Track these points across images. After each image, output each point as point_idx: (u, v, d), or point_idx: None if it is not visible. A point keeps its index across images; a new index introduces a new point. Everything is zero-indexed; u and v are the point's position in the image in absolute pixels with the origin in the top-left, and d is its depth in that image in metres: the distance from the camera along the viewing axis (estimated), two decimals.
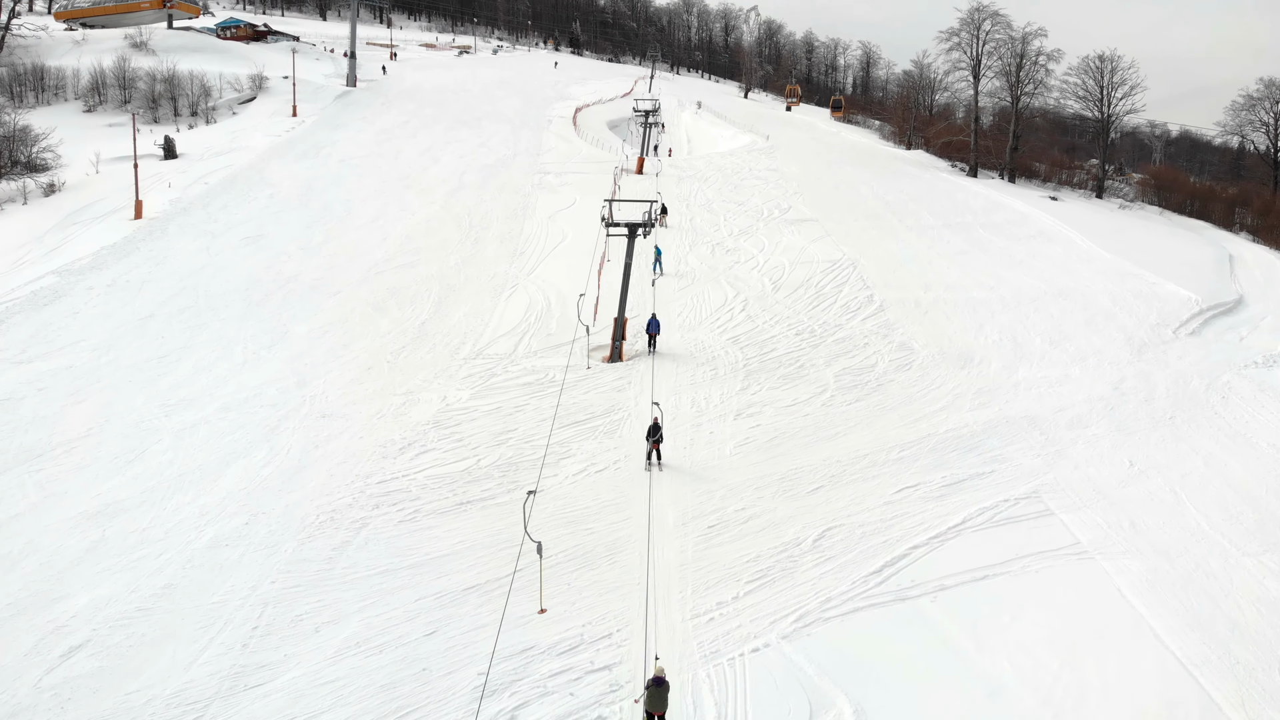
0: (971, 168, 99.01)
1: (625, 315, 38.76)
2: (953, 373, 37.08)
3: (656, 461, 28.17)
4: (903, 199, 73.96)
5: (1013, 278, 52.26)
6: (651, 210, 38.45)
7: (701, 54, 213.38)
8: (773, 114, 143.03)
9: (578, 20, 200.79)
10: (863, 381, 35.64)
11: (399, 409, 32.73)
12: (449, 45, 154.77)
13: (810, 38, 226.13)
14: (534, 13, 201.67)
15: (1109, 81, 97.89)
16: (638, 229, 38.01)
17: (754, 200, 67.78)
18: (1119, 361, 39.70)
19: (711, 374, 36.14)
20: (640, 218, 38.39)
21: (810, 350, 38.94)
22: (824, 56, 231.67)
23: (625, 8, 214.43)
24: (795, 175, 78.65)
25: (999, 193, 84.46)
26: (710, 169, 79.80)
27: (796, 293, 46.63)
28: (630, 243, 38.37)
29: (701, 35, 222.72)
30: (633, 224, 37.94)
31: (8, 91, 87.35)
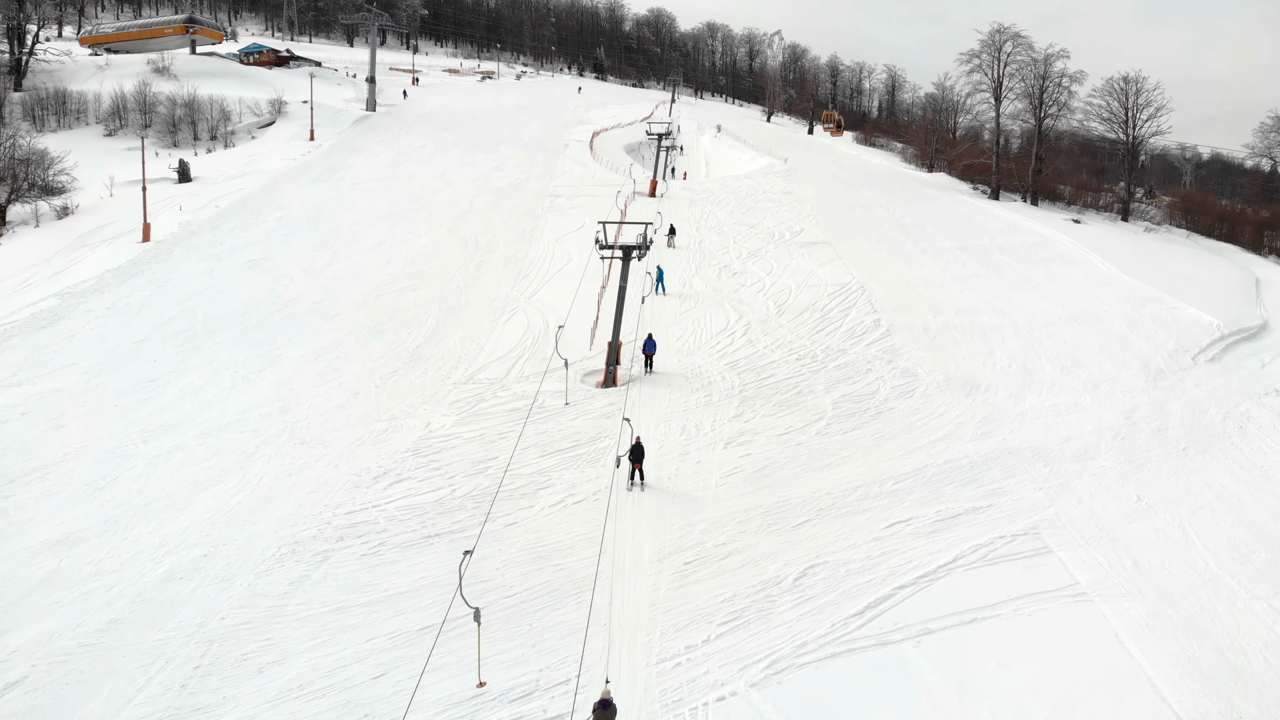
0: (993, 190, 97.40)
1: (620, 339, 37.62)
2: (957, 400, 35.61)
3: (640, 482, 27.57)
4: (919, 222, 72.50)
5: (1027, 302, 50.66)
6: (646, 232, 37.34)
7: (725, 78, 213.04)
8: (794, 137, 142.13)
9: (602, 46, 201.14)
10: (862, 409, 34.25)
11: (380, 435, 31.76)
12: (472, 71, 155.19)
13: (835, 61, 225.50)
14: (559, 39, 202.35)
15: (1133, 103, 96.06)
16: (633, 251, 36.94)
17: (766, 223, 66.60)
18: (1133, 389, 38.03)
19: (705, 400, 34.90)
20: (635, 239, 37.25)
21: (810, 376, 37.61)
22: (849, 80, 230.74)
23: (650, 33, 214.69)
24: (810, 198, 77.40)
25: (1020, 215, 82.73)
26: (724, 191, 78.76)
27: (801, 316, 45.33)
28: (625, 265, 37.30)
29: (726, 60, 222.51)
30: (627, 246, 36.88)
31: (29, 116, 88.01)
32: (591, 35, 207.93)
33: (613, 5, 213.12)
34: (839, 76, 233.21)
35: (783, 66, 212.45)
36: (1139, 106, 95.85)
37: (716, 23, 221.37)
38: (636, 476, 27.71)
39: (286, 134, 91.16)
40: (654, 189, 75.44)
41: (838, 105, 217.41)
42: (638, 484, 27.68)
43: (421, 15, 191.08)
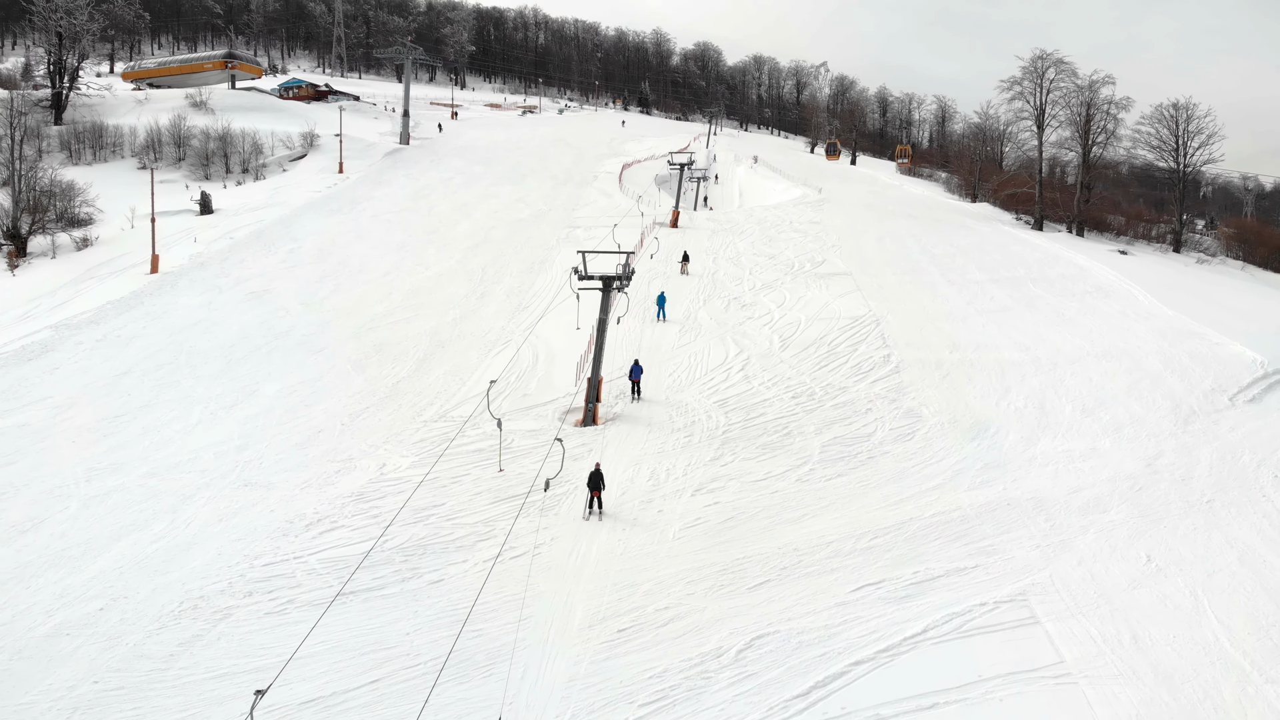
0: (1036, 220, 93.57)
1: (601, 375, 35.18)
2: (960, 444, 32.47)
3: (598, 510, 26.61)
4: (951, 252, 69.16)
5: (1054, 337, 47.18)
6: (627, 261, 34.98)
7: (771, 111, 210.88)
8: (836, 168, 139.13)
9: (647, 80, 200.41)
10: (852, 453, 31.29)
11: (329, 478, 29.62)
12: (514, 105, 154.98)
13: (884, 93, 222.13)
14: (605, 73, 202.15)
15: (1184, 130, 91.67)
16: (612, 282, 34.57)
17: (787, 253, 63.83)
18: (1159, 433, 34.51)
19: (685, 440, 32.24)
20: (614, 270, 34.89)
21: (804, 416, 34.74)
22: (898, 112, 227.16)
23: (696, 67, 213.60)
24: (838, 228, 74.47)
25: (1062, 246, 78.84)
26: (749, 221, 76.18)
27: (806, 351, 42.49)
28: (605, 297, 34.92)
29: (772, 92, 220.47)
30: (607, 276, 34.53)
31: (66, 149, 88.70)
32: (638, 70, 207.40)
33: (659, 39, 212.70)
34: (889, 108, 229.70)
35: (830, 98, 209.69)
36: (1189, 134, 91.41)
37: (763, 55, 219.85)
38: (595, 505, 26.59)
39: (316, 167, 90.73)
40: (676, 219, 73.11)
41: (886, 136, 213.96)
42: (596, 512, 26.53)
43: (469, 51, 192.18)
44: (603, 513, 26.68)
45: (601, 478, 26.89)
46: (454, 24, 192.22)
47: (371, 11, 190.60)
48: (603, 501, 26.89)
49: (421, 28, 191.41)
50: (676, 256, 60.77)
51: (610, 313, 35.21)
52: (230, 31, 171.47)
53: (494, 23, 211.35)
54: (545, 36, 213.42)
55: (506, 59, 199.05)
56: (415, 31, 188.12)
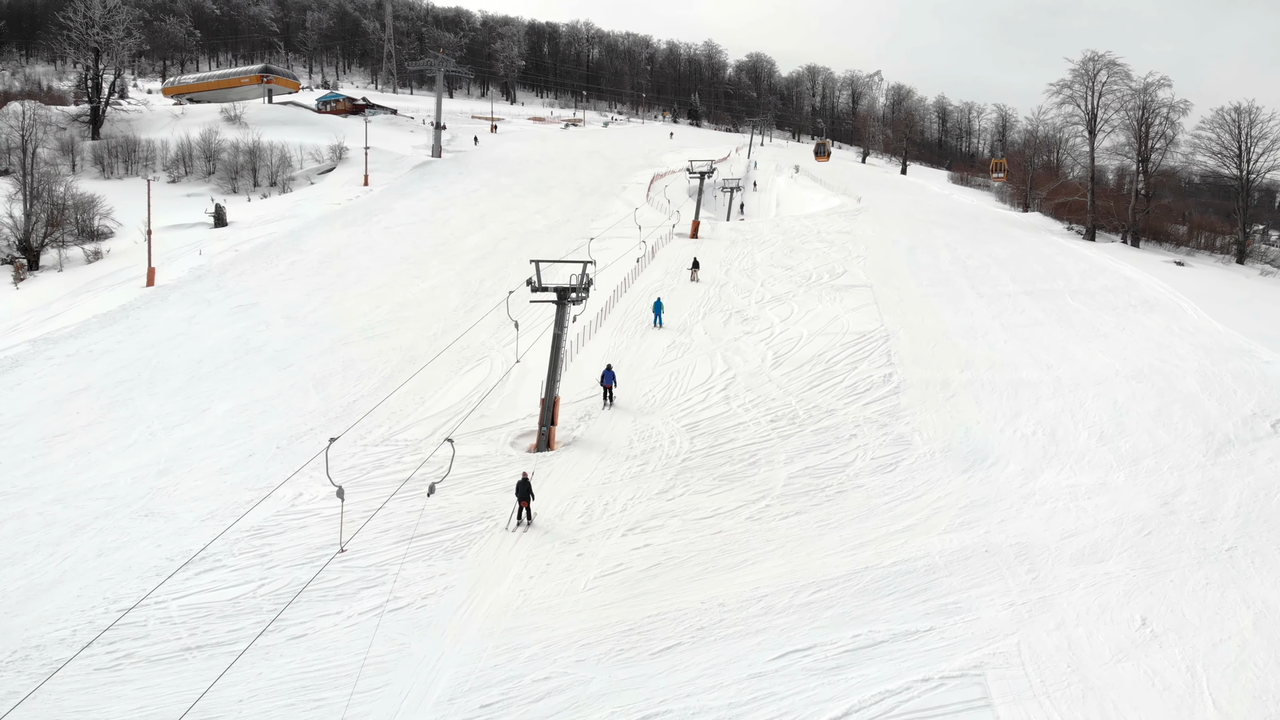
0: (1088, 230, 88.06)
1: (556, 395, 31.93)
2: (949, 477, 28.48)
3: (526, 521, 25.07)
4: (987, 263, 64.58)
5: (1082, 354, 42.67)
6: (585, 272, 31.73)
7: (824, 121, 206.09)
8: (885, 178, 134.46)
9: (697, 92, 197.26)
10: (820, 486, 27.52)
11: (237, 509, 26.79)
12: (557, 119, 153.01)
13: (942, 102, 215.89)
14: (655, 86, 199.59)
15: (1246, 135, 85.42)
16: (568, 295, 31.35)
17: (807, 264, 59.95)
18: (1184, 465, 30.07)
19: (637, 470, 28.81)
20: (571, 281, 31.65)
21: (778, 442, 31.04)
22: (958, 121, 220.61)
23: (748, 79, 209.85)
24: (869, 238, 70.32)
25: (1111, 257, 73.64)
26: (774, 232, 72.38)
27: (799, 370, 38.74)
28: (560, 311, 31.69)
29: (826, 103, 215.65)
30: (562, 288, 31.33)
31: (99, 163, 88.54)
32: (690, 82, 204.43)
33: (711, 51, 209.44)
34: (948, 117, 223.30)
35: (888, 107, 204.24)
36: (1253, 139, 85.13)
37: (818, 66, 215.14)
38: (523, 515, 25.12)
39: (343, 179, 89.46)
40: (696, 230, 69.67)
41: (944, 146, 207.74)
42: (524, 523, 25.02)
43: (520, 66, 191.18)
44: (531, 523, 25.04)
45: (529, 486, 25.16)
46: (505, 39, 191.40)
47: (425, 28, 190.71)
48: (532, 512, 25.24)
49: (473, 43, 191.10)
50: (687, 264, 57.79)
51: (566, 328, 31.92)
52: (281, 49, 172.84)
53: (548, 38, 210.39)
54: (599, 51, 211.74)
55: (558, 73, 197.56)
56: (466, 47, 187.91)
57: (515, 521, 25.12)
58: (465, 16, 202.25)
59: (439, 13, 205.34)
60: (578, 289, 31.35)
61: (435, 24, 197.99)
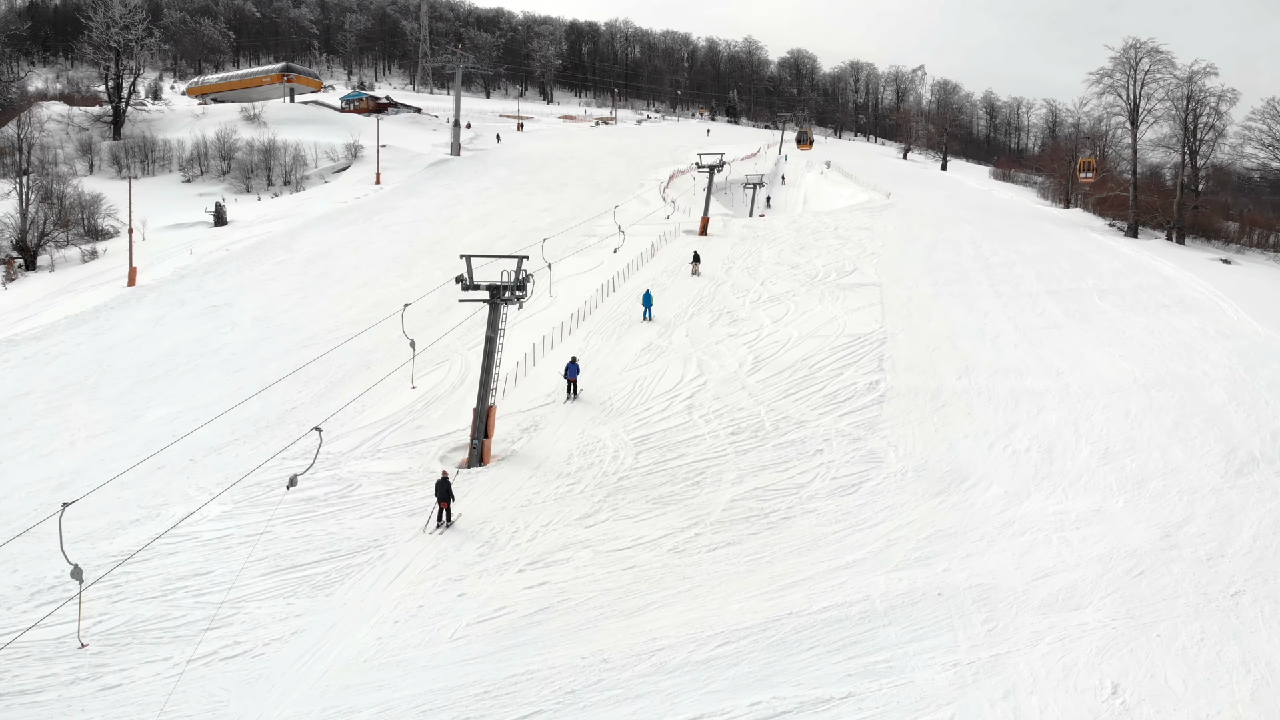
0: (1130, 226, 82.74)
1: (492, 404, 28.79)
2: (917, 501, 24.78)
3: (446, 522, 23.48)
4: (1011, 261, 60.20)
5: (1099, 359, 38.49)
6: (520, 269, 28.56)
7: (866, 117, 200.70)
8: (923, 173, 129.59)
9: (735, 89, 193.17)
10: (766, 511, 24.00)
11: (119, 529, 24.20)
12: (588, 117, 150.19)
13: (990, 97, 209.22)
14: (694, 84, 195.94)
15: None
16: (501, 294, 28.21)
17: (816, 262, 56.14)
18: (1196, 488, 26.00)
19: (565, 490, 25.55)
20: (505, 279, 28.50)
21: (733, 458, 27.57)
22: (1007, 117, 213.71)
23: (788, 75, 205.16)
24: (888, 234, 66.25)
25: (1151, 254, 68.65)
26: (789, 229, 68.53)
27: (779, 376, 35.18)
28: (492, 312, 28.56)
29: (870, 99, 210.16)
30: (494, 286, 28.20)
31: (117, 163, 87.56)
32: (730, 80, 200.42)
33: (751, 48, 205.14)
34: (996, 114, 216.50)
35: (933, 103, 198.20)
36: None
37: (861, 61, 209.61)
38: (443, 516, 23.52)
39: (357, 178, 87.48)
40: (704, 226, 66.11)
41: (991, 142, 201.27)
42: (444, 524, 23.44)
43: (556, 66, 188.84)
44: (452, 524, 23.52)
45: (449, 485, 23.62)
46: (542, 38, 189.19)
47: (463, 29, 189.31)
48: (452, 513, 23.73)
49: (511, 43, 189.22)
50: (687, 261, 54.58)
51: (501, 330, 28.75)
52: (316, 51, 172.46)
53: (588, 37, 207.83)
54: (639, 50, 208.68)
55: (597, 72, 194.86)
56: (503, 46, 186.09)
57: (435, 523, 23.40)
58: (505, 16, 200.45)
59: (480, 13, 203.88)
60: (512, 287, 28.17)
61: (475, 24, 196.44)
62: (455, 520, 23.78)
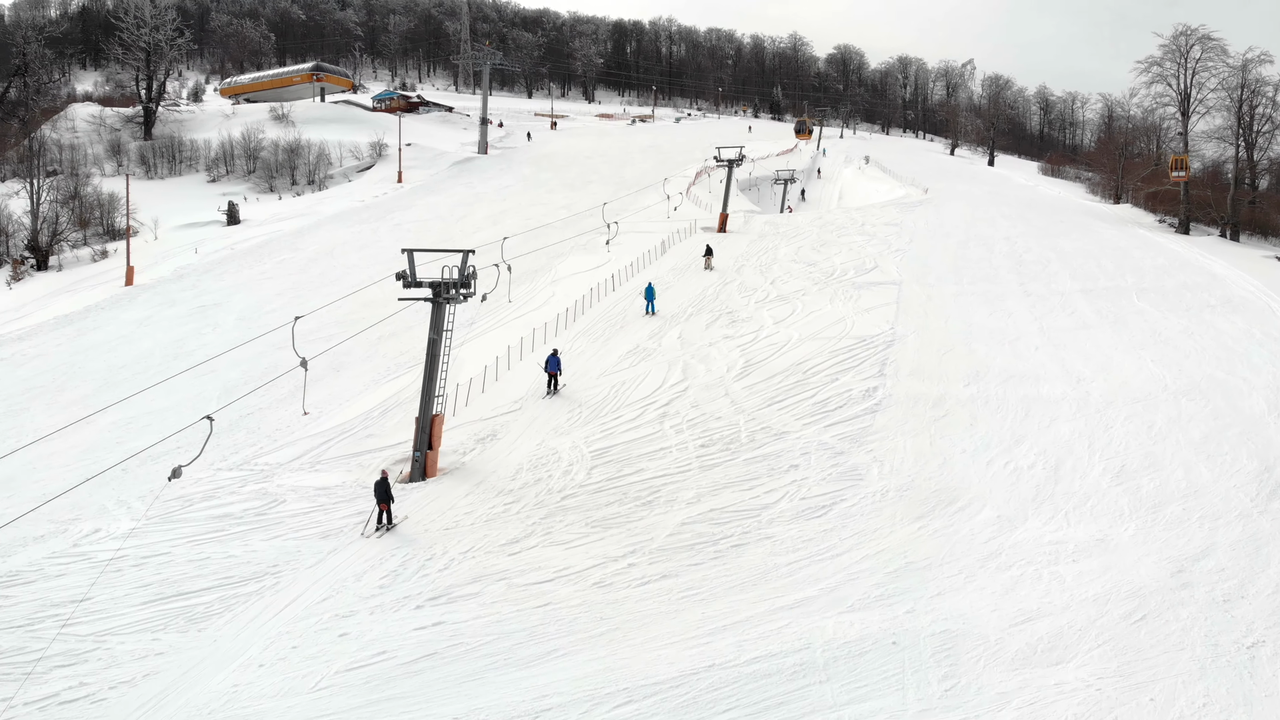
0: (1181, 222, 77.84)
1: (438, 412, 26.34)
2: (893, 526, 21.75)
3: (387, 524, 22.03)
4: (1048, 258, 56.35)
5: (1129, 364, 34.90)
6: (465, 262, 26.09)
7: (914, 113, 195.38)
8: (968, 169, 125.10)
9: (779, 86, 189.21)
10: (717, 537, 21.16)
11: (19, 545, 22.13)
12: (625, 116, 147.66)
13: (1044, 92, 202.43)
14: (739, 81, 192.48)
15: None
16: (443, 291, 25.75)
17: (835, 260, 52.90)
18: (1221, 513, 22.57)
19: (501, 510, 22.99)
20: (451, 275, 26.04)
21: (695, 474, 24.77)
22: (1061, 113, 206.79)
23: (835, 71, 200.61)
24: (918, 230, 62.73)
25: (1202, 251, 64.14)
26: (813, 225, 65.27)
27: (768, 381, 32.25)
28: (436, 312, 26.10)
29: (919, 94, 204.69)
30: (437, 283, 25.77)
31: (144, 163, 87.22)
32: (775, 76, 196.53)
33: (796, 43, 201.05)
34: (1051, 109, 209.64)
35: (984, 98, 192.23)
36: None
37: (910, 56, 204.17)
38: (383, 519, 22.06)
39: (379, 176, 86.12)
40: (723, 223, 63.17)
41: (1045, 138, 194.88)
42: (384, 527, 21.99)
43: (598, 64, 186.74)
44: (393, 526, 22.07)
45: (388, 486, 22.06)
46: (584, 37, 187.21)
47: (506, 29, 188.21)
48: (392, 514, 22.26)
49: (553, 43, 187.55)
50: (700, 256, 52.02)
51: (445, 332, 26.27)
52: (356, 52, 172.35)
53: (633, 36, 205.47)
54: (683, 49, 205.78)
55: (640, 70, 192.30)
56: (545, 46, 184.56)
57: (375, 525, 21.97)
58: (548, 17, 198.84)
59: (525, 14, 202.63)
60: (456, 284, 25.68)
61: (520, 24, 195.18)
62: (398, 524, 22.17)
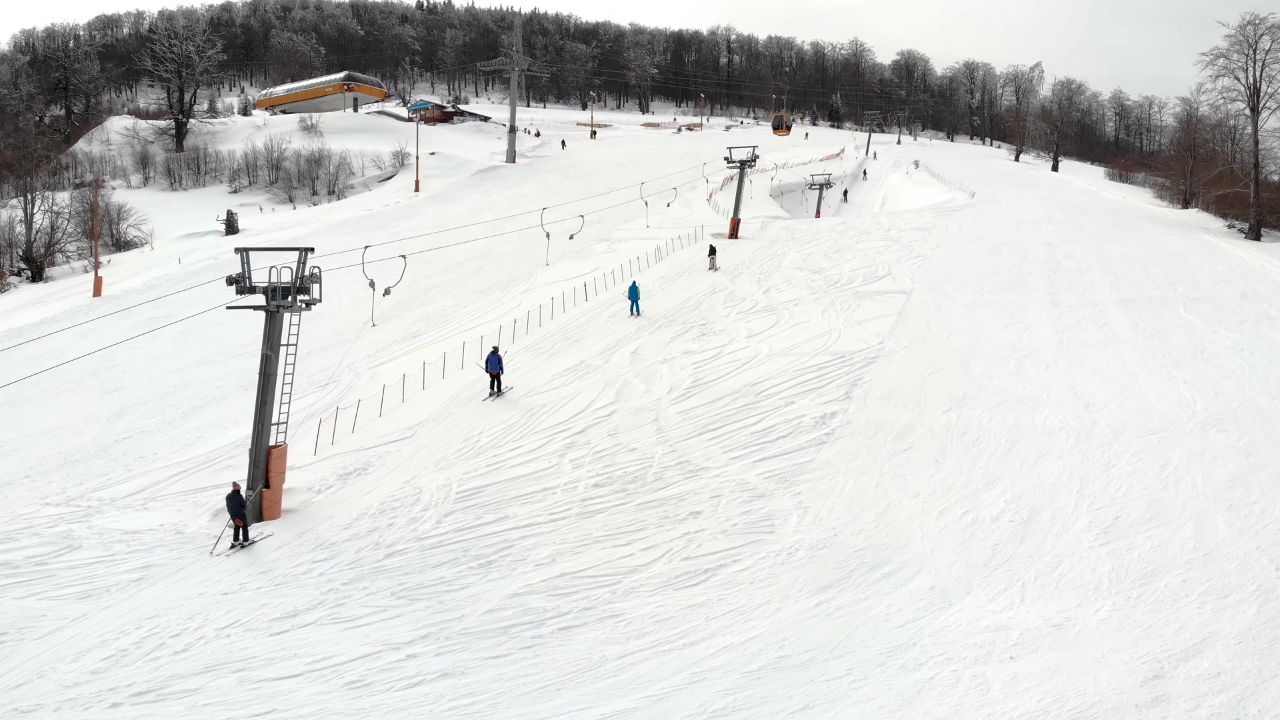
0: (1252, 227, 69.90)
1: (275, 444, 22.00)
2: (785, 600, 16.62)
3: (243, 541, 19.75)
4: (1088, 265, 50.01)
5: (1155, 386, 28.94)
6: (302, 263, 21.75)
7: (979, 119, 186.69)
8: (1029, 174, 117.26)
9: (838, 93, 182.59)
10: (548, 614, 16.32)
11: None
12: (673, 124, 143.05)
13: (1119, 97, 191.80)
14: (798, 88, 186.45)
15: None
16: (276, 298, 21.44)
17: (845, 267, 47.43)
18: (1233, 588, 16.91)
19: (305, 570, 18.59)
20: (284, 278, 21.71)
21: (569, 524, 19.92)
22: (1138, 118, 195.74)
23: (897, 77, 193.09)
24: (950, 235, 56.87)
25: (1270, 258, 56.70)
26: (832, 230, 59.69)
27: (710, 405, 27.23)
28: (269, 323, 21.79)
29: (986, 99, 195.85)
30: (271, 288, 21.50)
31: (169, 175, 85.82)
32: (836, 84, 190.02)
33: (857, 49, 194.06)
34: (1128, 114, 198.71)
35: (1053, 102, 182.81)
36: None
37: (976, 61, 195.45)
38: (239, 535, 19.90)
39: (399, 185, 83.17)
40: (735, 229, 58.01)
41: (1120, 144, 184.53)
42: (239, 544, 19.73)
43: (652, 75, 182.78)
44: (250, 542, 19.76)
45: (242, 498, 19.83)
46: (639, 48, 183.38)
47: (561, 41, 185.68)
48: (248, 533, 19.92)
49: (608, 54, 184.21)
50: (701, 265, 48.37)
51: (280, 348, 21.92)
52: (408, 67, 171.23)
53: (694, 46, 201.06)
54: (743, 58, 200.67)
55: (696, 80, 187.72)
56: (600, 58, 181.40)
57: (231, 543, 19.68)
58: (605, 28, 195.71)
59: (584, 26, 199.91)
60: (293, 290, 21.34)
61: (578, 36, 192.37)
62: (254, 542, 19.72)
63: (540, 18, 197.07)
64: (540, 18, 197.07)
